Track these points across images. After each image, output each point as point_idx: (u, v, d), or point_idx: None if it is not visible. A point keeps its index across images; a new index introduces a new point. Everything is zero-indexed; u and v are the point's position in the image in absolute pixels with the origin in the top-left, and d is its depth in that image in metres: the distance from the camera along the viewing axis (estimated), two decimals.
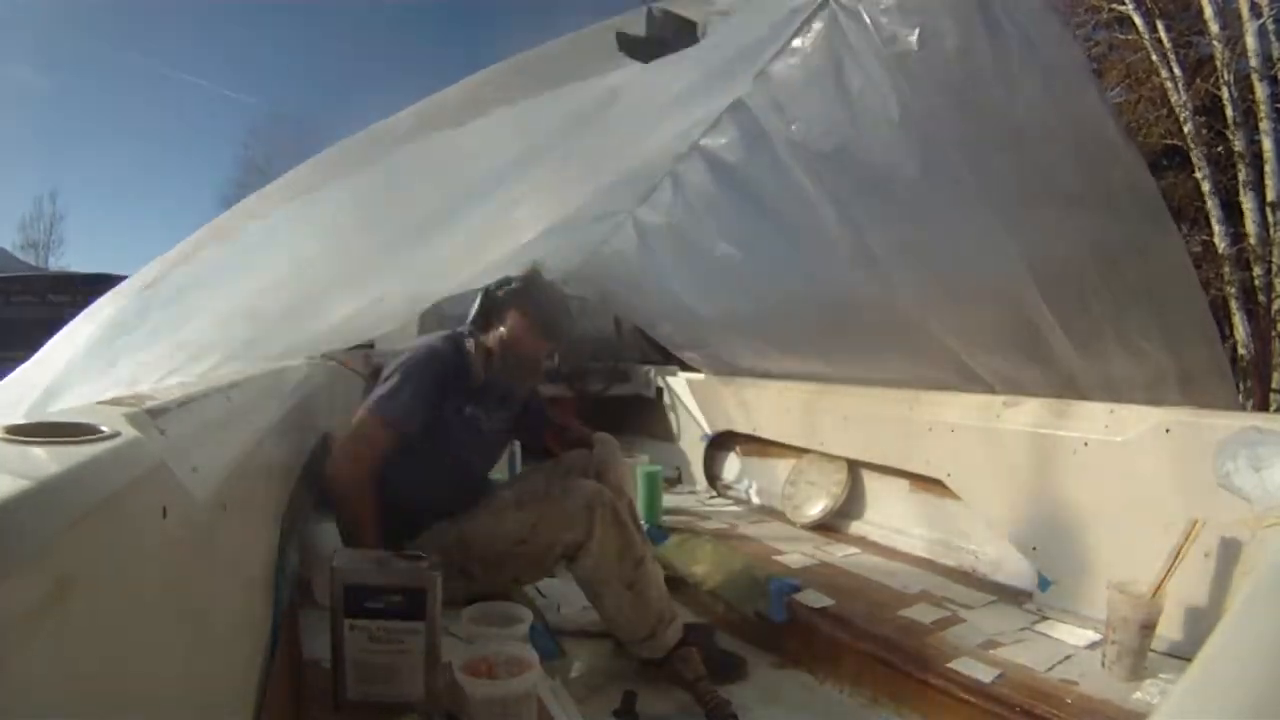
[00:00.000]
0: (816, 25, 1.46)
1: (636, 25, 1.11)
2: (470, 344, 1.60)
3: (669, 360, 3.23)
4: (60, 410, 0.78)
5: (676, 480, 2.93)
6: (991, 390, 1.88)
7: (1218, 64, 6.92)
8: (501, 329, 1.59)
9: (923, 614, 1.56)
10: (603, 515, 1.44)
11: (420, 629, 1.10)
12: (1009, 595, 1.67)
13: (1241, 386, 6.39)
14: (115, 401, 0.73)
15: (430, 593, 1.10)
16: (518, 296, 1.60)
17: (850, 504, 2.28)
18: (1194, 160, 7.14)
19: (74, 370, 1.02)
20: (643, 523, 2.19)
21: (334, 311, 1.60)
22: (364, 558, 1.16)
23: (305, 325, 1.58)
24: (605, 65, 1.14)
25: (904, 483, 2.14)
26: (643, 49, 1.09)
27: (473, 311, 1.64)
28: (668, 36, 1.09)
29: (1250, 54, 6.74)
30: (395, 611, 1.09)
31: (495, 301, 1.61)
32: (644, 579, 1.46)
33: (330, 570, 1.11)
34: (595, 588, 1.45)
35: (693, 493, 2.85)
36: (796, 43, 1.51)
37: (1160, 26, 7.36)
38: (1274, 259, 6.65)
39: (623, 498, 1.60)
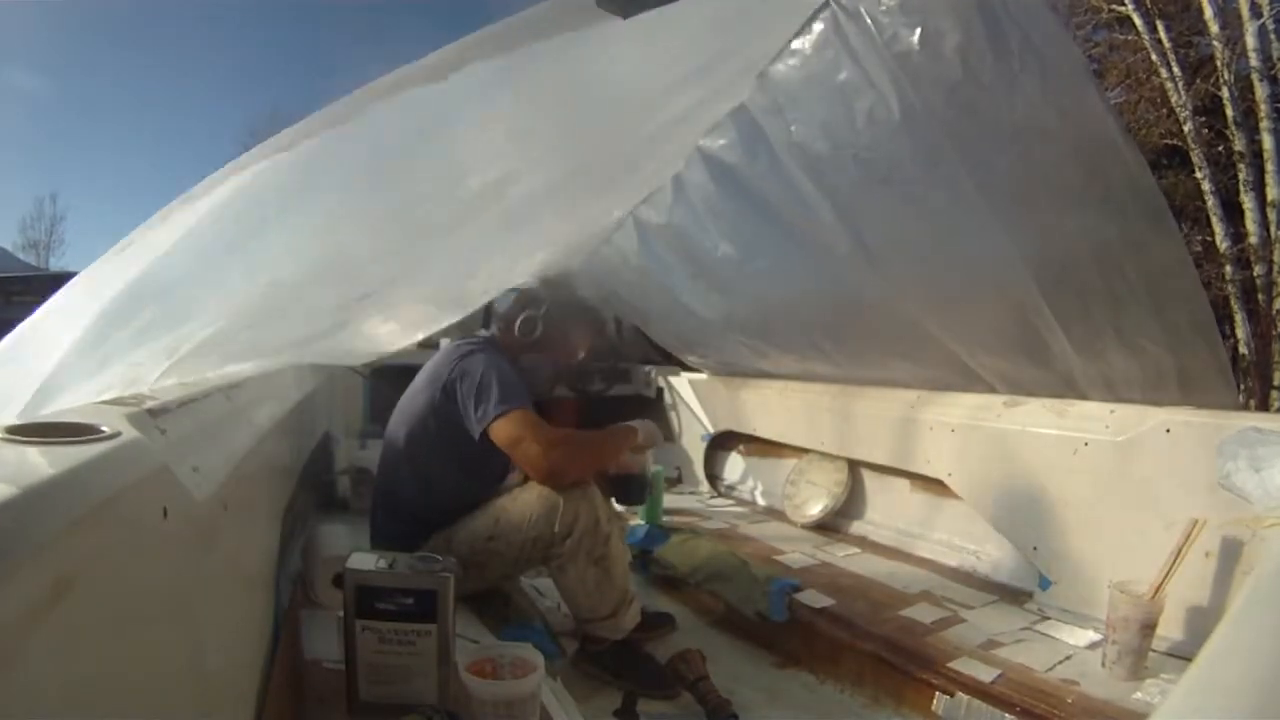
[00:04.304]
0: (816, 26, 1.46)
1: None
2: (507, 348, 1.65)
3: (669, 360, 3.23)
4: (60, 410, 0.78)
5: (677, 480, 2.93)
6: (992, 390, 1.88)
7: (1218, 64, 6.92)
8: (540, 335, 1.66)
9: (923, 614, 1.56)
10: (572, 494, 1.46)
11: (432, 630, 1.10)
12: (1009, 595, 1.67)
13: (1242, 386, 6.40)
14: (115, 401, 0.73)
15: (441, 594, 1.10)
16: (551, 305, 1.69)
17: (851, 504, 2.28)
18: (1194, 160, 7.14)
19: (65, 370, 1.01)
20: (642, 522, 2.20)
21: (335, 317, 1.58)
22: (376, 559, 1.16)
23: (311, 335, 1.56)
24: (587, 30, 1.12)
25: (905, 483, 2.14)
26: (623, 4, 1.08)
27: (509, 319, 1.69)
28: None
29: (1250, 54, 6.74)
30: (406, 613, 1.09)
31: (533, 309, 1.67)
32: (611, 556, 1.47)
33: (342, 572, 1.11)
34: (560, 562, 1.46)
35: (694, 493, 2.86)
36: (796, 43, 1.51)
37: (1160, 27, 7.36)
38: (1274, 258, 6.65)
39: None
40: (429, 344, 2.05)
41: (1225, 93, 6.92)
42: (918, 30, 1.32)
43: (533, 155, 1.43)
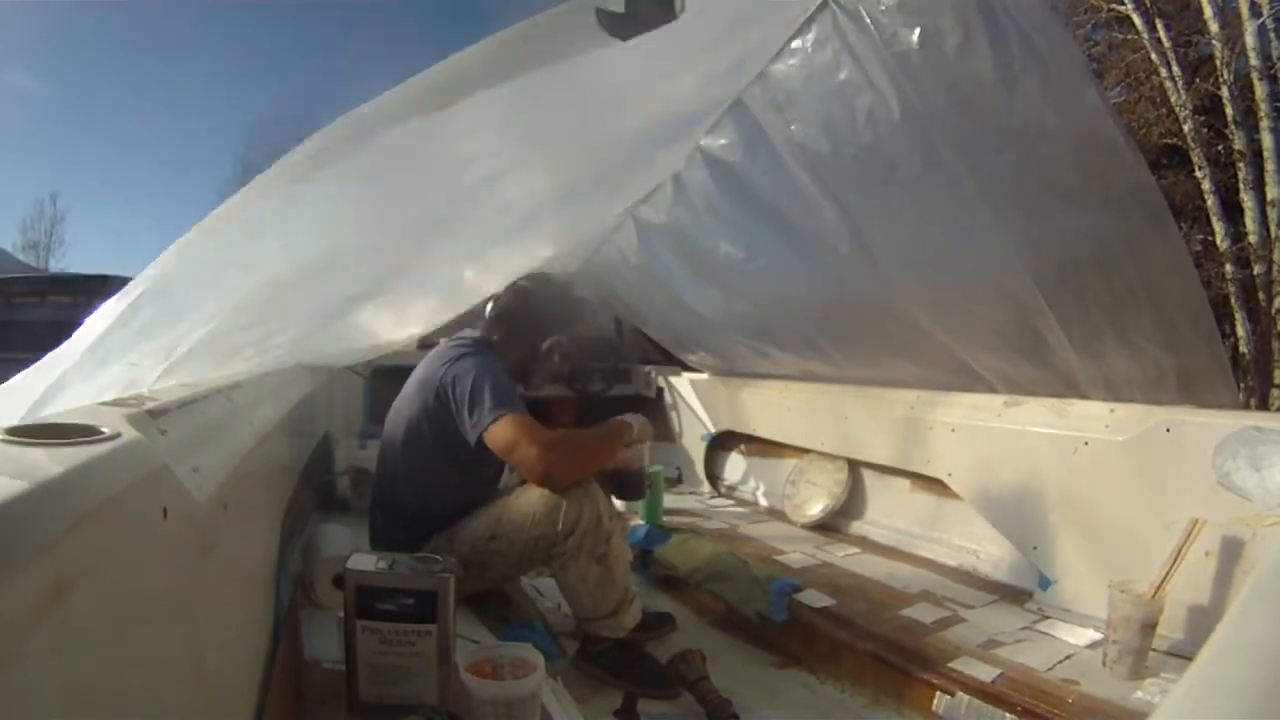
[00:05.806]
0: (816, 25, 1.46)
1: (616, 2, 1.11)
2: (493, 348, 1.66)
3: (670, 360, 3.23)
4: (60, 411, 0.78)
5: (677, 480, 2.93)
6: (992, 390, 1.88)
7: (1217, 63, 6.92)
8: (510, 331, 1.69)
9: (923, 614, 1.56)
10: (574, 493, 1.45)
11: (432, 631, 1.10)
12: (1010, 595, 1.67)
13: (1242, 385, 6.40)
14: (116, 402, 0.73)
15: (441, 594, 1.10)
16: (519, 297, 1.70)
17: (851, 504, 2.28)
18: (1194, 159, 7.14)
19: (68, 372, 1.02)
20: (642, 522, 2.20)
21: (340, 322, 1.58)
22: (376, 559, 1.16)
23: (309, 334, 1.56)
24: (587, 44, 1.13)
25: (905, 482, 2.14)
26: (621, 25, 1.09)
27: (488, 318, 1.71)
28: (645, 13, 1.09)
29: (1250, 53, 6.74)
30: (407, 613, 1.09)
31: (504, 308, 1.70)
32: (612, 554, 1.47)
33: (342, 573, 1.11)
34: (562, 560, 1.46)
35: (694, 493, 2.86)
36: (796, 43, 1.51)
37: (1160, 26, 7.36)
38: (1274, 257, 6.65)
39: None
40: (428, 344, 2.05)
41: (1225, 92, 6.91)
42: (917, 30, 1.32)
43: (529, 152, 1.44)
